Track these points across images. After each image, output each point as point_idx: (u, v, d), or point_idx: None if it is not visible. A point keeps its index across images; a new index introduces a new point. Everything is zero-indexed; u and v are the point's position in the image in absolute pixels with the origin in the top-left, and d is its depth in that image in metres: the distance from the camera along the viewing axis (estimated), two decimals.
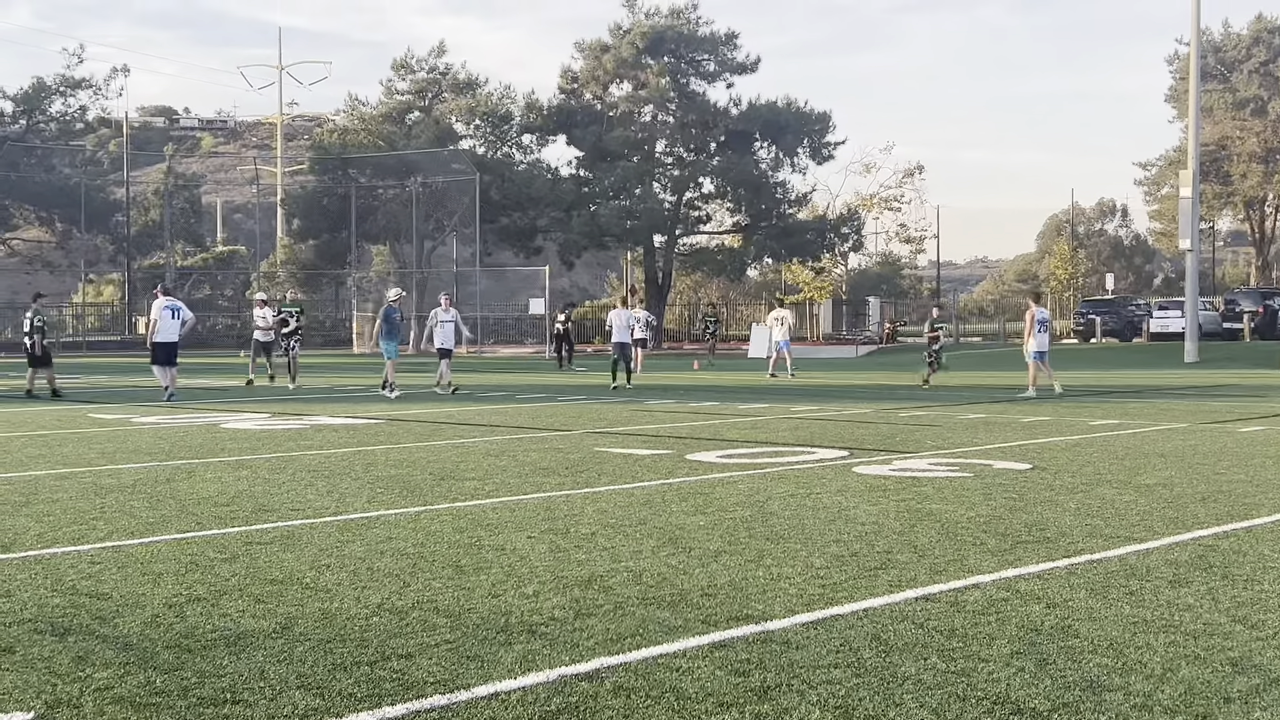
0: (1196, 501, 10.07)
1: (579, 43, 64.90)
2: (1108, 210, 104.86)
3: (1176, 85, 79.10)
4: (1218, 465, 12.47)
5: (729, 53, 63.84)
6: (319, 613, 6.38)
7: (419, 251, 60.83)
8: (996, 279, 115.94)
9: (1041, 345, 23.57)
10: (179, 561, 7.69)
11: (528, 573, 7.34)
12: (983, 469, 12.19)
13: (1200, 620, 6.21)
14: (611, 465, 12.68)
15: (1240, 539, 8.40)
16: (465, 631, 6.00)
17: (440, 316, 25.97)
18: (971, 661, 5.49)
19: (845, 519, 9.21)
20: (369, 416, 19.22)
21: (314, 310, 70.54)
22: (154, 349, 23.61)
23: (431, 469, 12.38)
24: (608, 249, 68.84)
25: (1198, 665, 5.45)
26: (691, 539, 8.42)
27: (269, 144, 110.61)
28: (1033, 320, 23.69)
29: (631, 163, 62.68)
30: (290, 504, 10.08)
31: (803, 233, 65.01)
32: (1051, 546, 8.11)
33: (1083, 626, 6.08)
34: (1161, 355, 44.19)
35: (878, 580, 7.11)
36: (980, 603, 6.57)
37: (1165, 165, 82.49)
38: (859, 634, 5.94)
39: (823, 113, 64.32)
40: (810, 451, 13.88)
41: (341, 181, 63.09)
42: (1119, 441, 14.91)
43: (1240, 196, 79.38)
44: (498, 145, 64.58)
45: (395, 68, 64.90)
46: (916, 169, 75.20)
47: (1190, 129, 45.60)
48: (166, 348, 23.44)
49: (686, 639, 5.85)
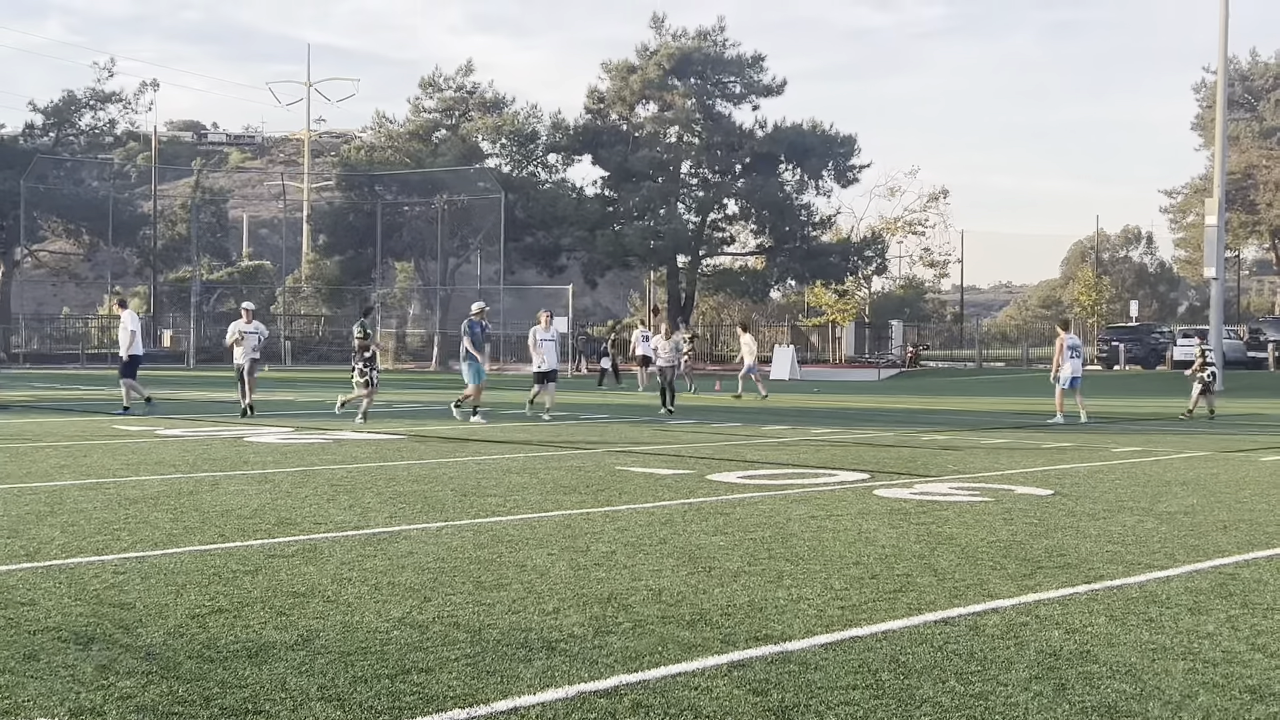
0: (1218, 530, 10.04)
1: (606, 63, 65.11)
2: (1133, 237, 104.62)
3: (1203, 114, 78.88)
4: (1239, 494, 12.42)
5: (755, 75, 63.94)
6: (340, 625, 6.43)
7: (443, 269, 61.03)
8: (1020, 304, 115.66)
9: (1075, 371, 23.54)
10: (202, 573, 7.75)
11: (548, 589, 7.37)
12: (1004, 494, 12.17)
13: (1219, 648, 6.19)
14: (632, 484, 12.71)
15: (1261, 568, 8.37)
16: (485, 647, 6.03)
17: (540, 335, 24.00)
18: (990, 685, 5.49)
19: (865, 541, 9.22)
20: (392, 432, 19.28)
21: (337, 326, 70.84)
22: (130, 362, 23.93)
23: (453, 485, 12.42)
24: (631, 269, 68.94)
25: (1216, 693, 5.44)
26: (711, 559, 8.43)
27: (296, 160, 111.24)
28: (1062, 347, 23.66)
29: (656, 183, 62.79)
30: (312, 517, 10.14)
31: (826, 255, 64.97)
32: (1072, 572, 8.10)
33: (1102, 652, 6.08)
34: (1185, 383, 43.90)
35: (897, 603, 7.12)
36: (999, 627, 6.57)
37: (1191, 193, 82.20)
38: (878, 656, 5.95)
39: (848, 136, 64.37)
40: (831, 474, 13.88)
41: (368, 198, 63.40)
42: (1141, 469, 14.86)
43: (1266, 225, 79.05)
44: (523, 164, 64.81)
45: (423, 86, 65.22)
46: (941, 193, 75.10)
47: (1217, 157, 45.48)
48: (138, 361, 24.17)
49: (705, 658, 5.87)
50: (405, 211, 64.39)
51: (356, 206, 64.27)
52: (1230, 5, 41.96)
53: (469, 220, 60.50)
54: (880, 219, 73.22)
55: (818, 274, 65.53)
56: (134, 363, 23.99)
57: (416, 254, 65.20)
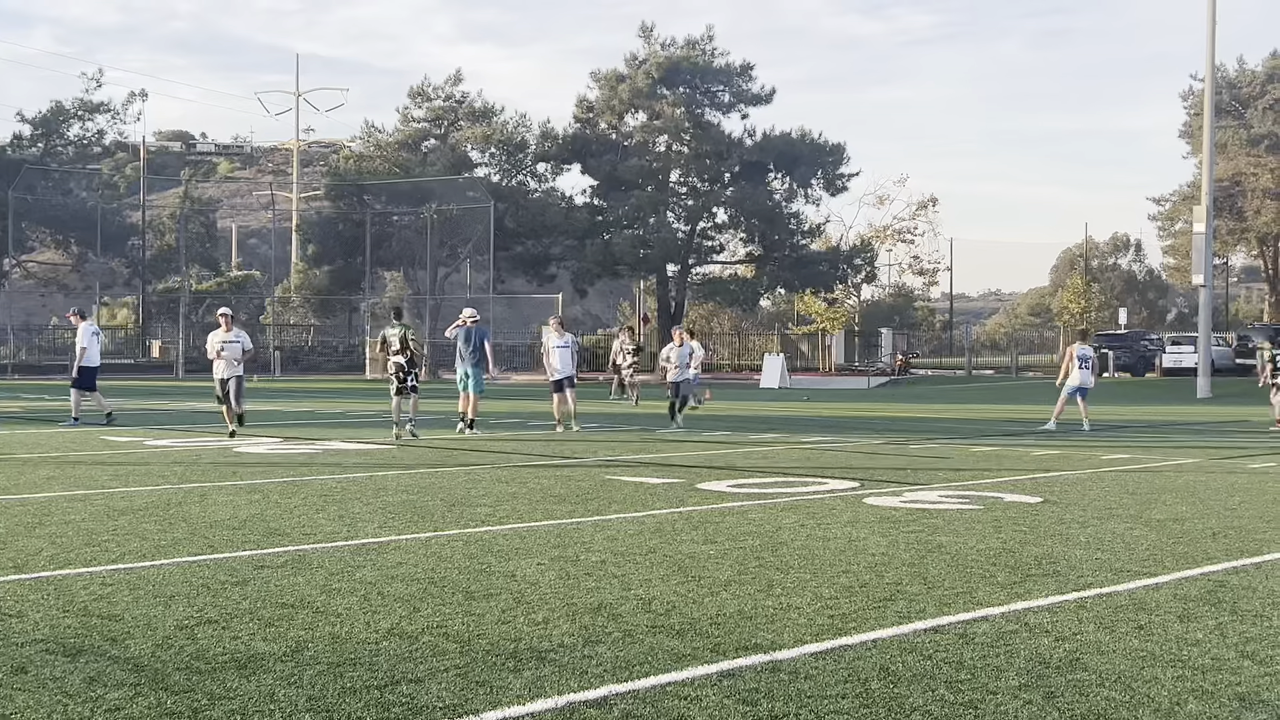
0: (1207, 537, 10.06)
1: (595, 73, 65.20)
2: (1121, 245, 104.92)
3: (1191, 121, 79.06)
4: (1229, 501, 12.45)
5: (744, 84, 64.07)
6: (329, 636, 6.41)
7: (432, 278, 60.98)
8: (1009, 312, 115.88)
9: (1085, 382, 23.68)
10: (190, 584, 7.73)
11: (537, 599, 7.36)
12: (993, 502, 12.19)
13: (1208, 655, 6.21)
14: (622, 493, 12.71)
15: (1250, 575, 8.39)
16: (474, 657, 6.03)
17: (554, 342, 23.07)
18: (979, 694, 5.50)
19: (855, 550, 9.22)
20: (381, 442, 19.26)
21: (326, 336, 70.75)
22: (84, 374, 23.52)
23: (442, 495, 12.41)
24: (621, 277, 68.96)
25: (1205, 700, 5.45)
26: (701, 568, 8.43)
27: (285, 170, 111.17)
28: (1072, 356, 23.84)
29: (646, 192, 62.85)
30: (301, 528, 10.12)
31: (816, 264, 65.09)
32: (1061, 580, 8.11)
33: (1091, 660, 6.09)
34: (1174, 391, 44.08)
35: (886, 611, 7.12)
36: (989, 635, 6.58)
37: (1179, 201, 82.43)
38: (867, 665, 5.95)
39: (837, 144, 64.50)
40: (821, 482, 13.89)
41: (357, 208, 63.33)
42: (1130, 476, 14.89)
43: (1254, 233, 79.25)
44: (513, 173, 64.81)
45: (412, 95, 65.19)
46: (930, 201, 75.45)
47: (1204, 165, 45.62)
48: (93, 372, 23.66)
49: (695, 667, 5.87)
50: (394, 221, 64.34)
51: (346, 216, 64.20)
52: (1217, 14, 42.17)
53: (458, 230, 60.42)
54: (869, 227, 73.64)
55: (807, 282, 65.63)
56: (88, 374, 23.62)
57: (406, 263, 65.13)
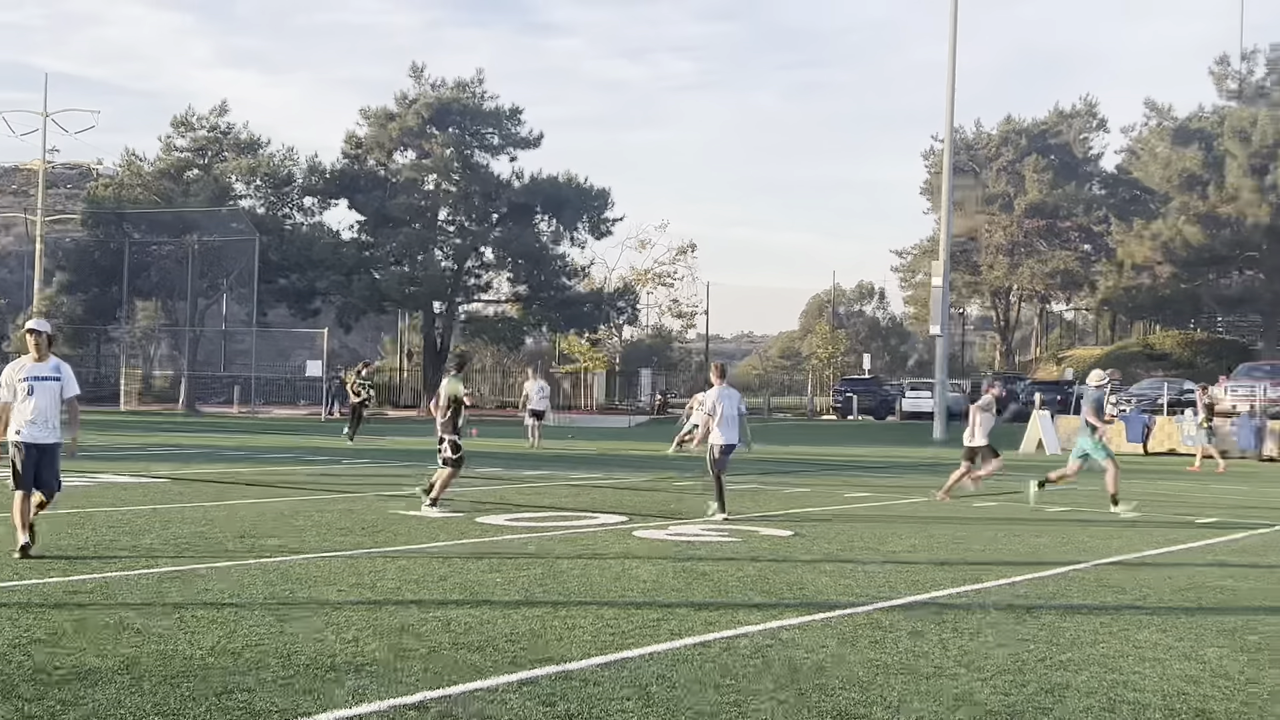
0: (935, 566, 11.37)
1: (365, 109, 65.21)
2: (867, 293, 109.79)
3: (931, 179, 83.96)
4: (956, 534, 13.90)
5: (513, 127, 65.08)
6: (156, 654, 6.96)
7: (192, 309, 59.84)
8: (761, 355, 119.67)
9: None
10: (8, 606, 8.11)
11: (344, 621, 8.03)
12: (750, 534, 13.33)
13: (933, 664, 7.34)
14: (406, 526, 13.36)
15: (970, 598, 9.67)
16: (297, 670, 6.69)
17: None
18: (742, 695, 6.47)
19: (629, 577, 10.16)
20: (154, 475, 19.33)
21: (79, 366, 68.23)
22: None
23: (230, 528, 12.82)
24: (387, 313, 68.87)
25: (928, 700, 6.54)
26: (490, 593, 9.23)
27: (28, 191, 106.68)
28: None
29: (414, 229, 63.13)
30: (100, 556, 10.47)
31: (580, 304, 66.46)
32: (809, 602, 9.22)
33: (835, 668, 7.15)
34: (912, 433, 46.78)
35: (660, 629, 8.06)
36: (749, 648, 7.58)
37: (920, 254, 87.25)
38: (647, 673, 6.87)
39: (602, 189, 66.06)
40: (593, 516, 14.81)
41: (115, 236, 61.62)
42: (870, 512, 16.31)
43: (988, 285, 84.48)
44: (278, 206, 64.18)
45: (175, 124, 63.92)
46: (689, 247, 77.65)
47: (943, 221, 48.73)
48: None
49: (498, 676, 6.68)
50: (154, 250, 62.87)
51: (103, 244, 62.36)
52: (956, 79, 45.28)
53: (220, 261, 59.50)
54: (631, 270, 75.28)
55: (571, 323, 66.93)
56: None
57: (164, 294, 63.65)
